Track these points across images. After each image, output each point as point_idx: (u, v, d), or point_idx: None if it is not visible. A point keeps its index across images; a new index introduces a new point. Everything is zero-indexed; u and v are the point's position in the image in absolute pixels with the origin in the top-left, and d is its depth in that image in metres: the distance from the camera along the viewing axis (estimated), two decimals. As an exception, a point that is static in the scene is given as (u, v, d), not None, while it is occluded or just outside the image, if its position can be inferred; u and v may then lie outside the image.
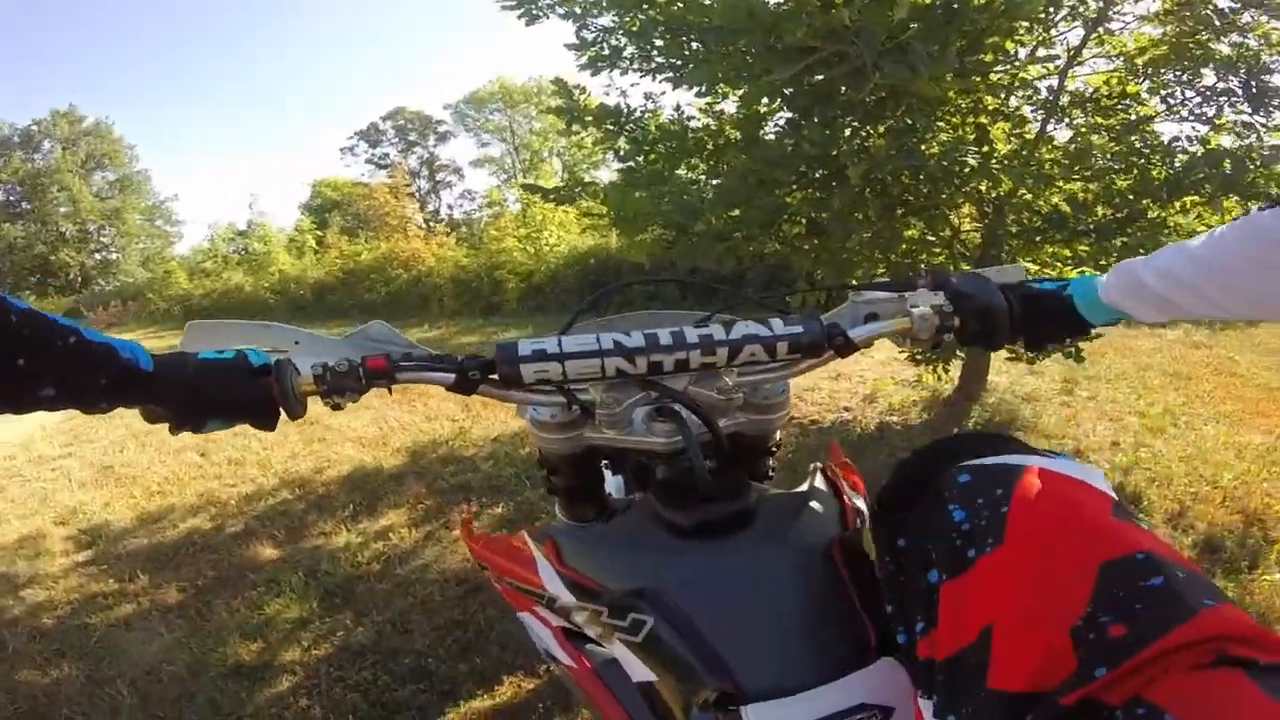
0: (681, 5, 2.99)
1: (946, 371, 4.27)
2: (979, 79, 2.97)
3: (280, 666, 2.33)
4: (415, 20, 66.26)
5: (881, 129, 3.03)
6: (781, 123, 3.38)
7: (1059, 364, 4.69)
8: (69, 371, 0.68)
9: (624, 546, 0.88)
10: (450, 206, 37.24)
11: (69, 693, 2.27)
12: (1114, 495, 0.63)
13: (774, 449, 1.08)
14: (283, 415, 0.81)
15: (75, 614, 2.70)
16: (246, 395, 0.78)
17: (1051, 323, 0.95)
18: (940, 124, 3.21)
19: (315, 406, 0.82)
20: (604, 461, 1.18)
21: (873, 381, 4.93)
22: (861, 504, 0.93)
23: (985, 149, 3.14)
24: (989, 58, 2.89)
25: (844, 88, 2.68)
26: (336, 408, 0.82)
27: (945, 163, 2.99)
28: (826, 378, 4.97)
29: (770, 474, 1.11)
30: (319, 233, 16.83)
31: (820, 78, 2.69)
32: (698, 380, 0.92)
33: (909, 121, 2.95)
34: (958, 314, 0.92)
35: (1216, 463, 3.39)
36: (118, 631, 2.59)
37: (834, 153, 2.90)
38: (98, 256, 29.70)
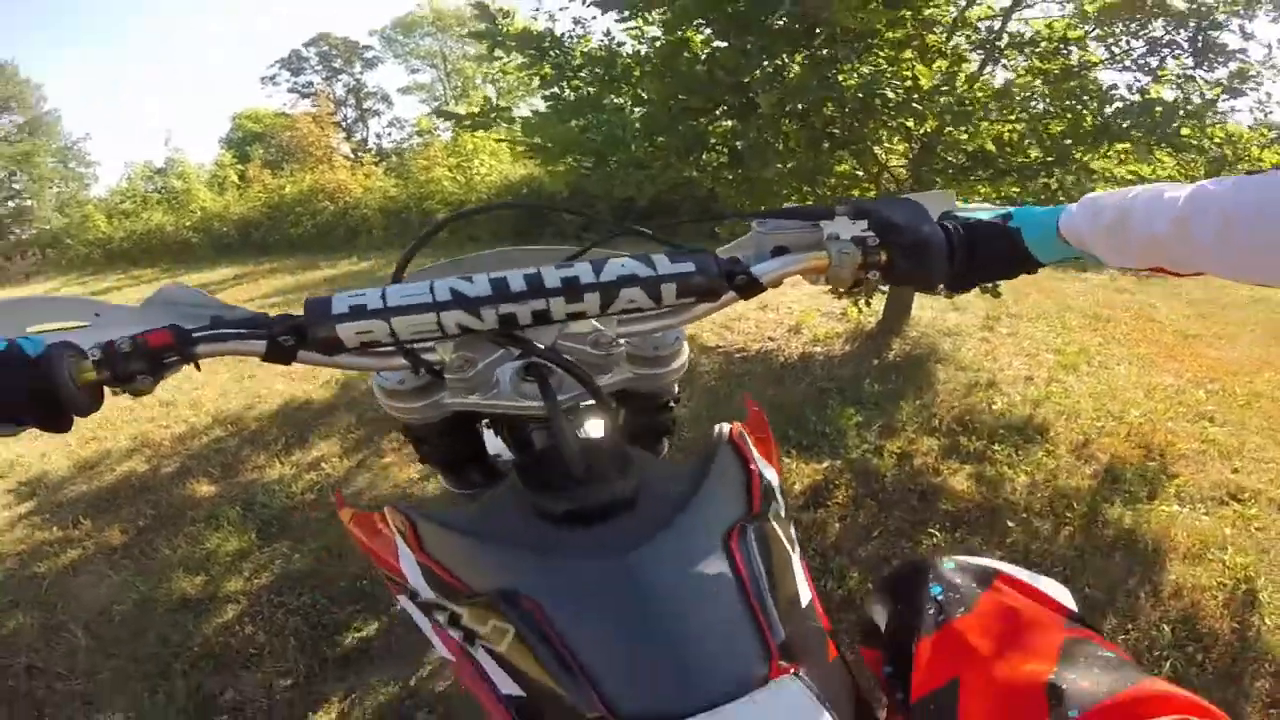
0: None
1: (869, 305, 4.39)
2: (909, 13, 2.94)
3: (224, 597, 2.39)
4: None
5: (800, 58, 3.02)
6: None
7: (983, 300, 4.83)
8: None
9: (486, 536, 0.72)
10: (379, 135, 35.57)
11: (27, 640, 2.29)
12: (1073, 608, 0.72)
13: (671, 404, 0.98)
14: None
15: (24, 565, 2.69)
16: (19, 393, 0.60)
17: (995, 260, 0.80)
18: (868, 57, 3.16)
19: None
20: (484, 420, 1.05)
21: (799, 313, 5.01)
22: (772, 476, 0.80)
23: (909, 84, 3.13)
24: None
25: (762, 15, 2.68)
26: (137, 394, 0.65)
27: (862, 95, 2.97)
28: (754, 308, 5.01)
29: (671, 429, 1.02)
30: (240, 167, 16.10)
31: (742, 5, 2.68)
32: (571, 331, 0.78)
33: (827, 52, 2.93)
34: (884, 248, 0.75)
35: (1125, 400, 3.57)
36: (66, 577, 2.60)
37: (746, 80, 2.89)
38: (11, 204, 27.79)
